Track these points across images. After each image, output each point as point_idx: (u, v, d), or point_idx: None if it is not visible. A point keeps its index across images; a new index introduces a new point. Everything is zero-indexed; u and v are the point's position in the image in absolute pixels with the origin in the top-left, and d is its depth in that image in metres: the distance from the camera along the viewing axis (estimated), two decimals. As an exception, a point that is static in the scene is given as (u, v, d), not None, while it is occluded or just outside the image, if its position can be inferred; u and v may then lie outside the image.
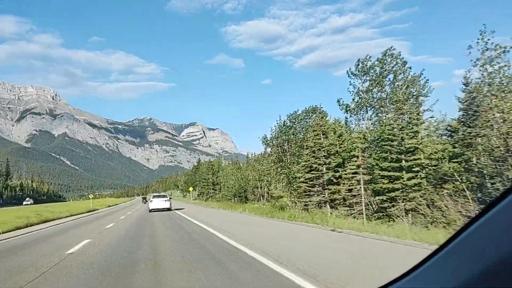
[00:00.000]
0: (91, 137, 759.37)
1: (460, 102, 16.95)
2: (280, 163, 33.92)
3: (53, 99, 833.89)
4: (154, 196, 33.21)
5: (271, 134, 35.34)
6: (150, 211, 30.68)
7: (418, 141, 17.74)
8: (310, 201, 22.52)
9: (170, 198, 35.96)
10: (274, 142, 35.06)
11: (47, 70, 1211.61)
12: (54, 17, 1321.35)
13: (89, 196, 65.02)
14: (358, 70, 27.27)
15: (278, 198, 29.20)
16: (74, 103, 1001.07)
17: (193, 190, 71.18)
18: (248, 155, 60.57)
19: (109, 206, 59.30)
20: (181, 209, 34.11)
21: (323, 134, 23.19)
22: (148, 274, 6.32)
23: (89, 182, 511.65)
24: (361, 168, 19.91)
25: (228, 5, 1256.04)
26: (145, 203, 59.81)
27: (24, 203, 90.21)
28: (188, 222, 18.67)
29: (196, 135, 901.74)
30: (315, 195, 22.70)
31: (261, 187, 39.59)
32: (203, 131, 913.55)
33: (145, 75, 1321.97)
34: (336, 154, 22.38)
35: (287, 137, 33.21)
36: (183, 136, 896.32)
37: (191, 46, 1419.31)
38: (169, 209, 31.08)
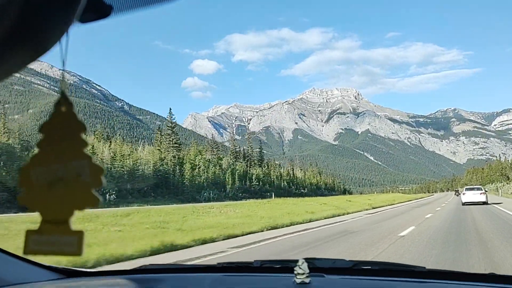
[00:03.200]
0: (392, 132, 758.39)
1: None
2: None
3: (355, 98, 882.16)
4: (467, 189, 32.46)
5: None
6: (463, 204, 29.65)
7: None
8: None
9: (486, 191, 33.25)
10: None
11: (349, 73, 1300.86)
12: (352, 22, 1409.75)
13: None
14: None
15: None
16: (375, 100, 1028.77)
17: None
18: None
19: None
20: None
21: None
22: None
23: (392, 176, 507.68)
24: None
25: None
26: (457, 196, 64.40)
27: None
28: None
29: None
30: None
31: None
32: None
33: (445, 64, 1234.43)
34: None
35: None
36: (495, 125, 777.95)
37: (498, 22, 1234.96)
38: (485, 203, 29.15)
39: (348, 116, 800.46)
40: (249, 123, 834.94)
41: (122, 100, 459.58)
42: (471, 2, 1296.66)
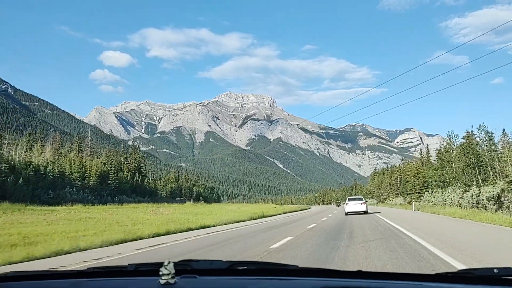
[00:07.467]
0: (303, 142, 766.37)
1: None
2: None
3: (270, 106, 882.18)
4: (349, 199, 33.42)
5: None
6: (346, 214, 30.99)
7: None
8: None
9: (366, 201, 36.12)
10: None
11: (266, 81, 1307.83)
12: (270, 30, 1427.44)
13: None
14: None
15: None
16: (289, 109, 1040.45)
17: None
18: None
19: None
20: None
21: None
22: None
23: (299, 185, 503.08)
24: None
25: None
26: (338, 207, 68.52)
27: None
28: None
29: (412, 142, 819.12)
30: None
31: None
32: (420, 138, 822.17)
33: (356, 81, 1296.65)
34: None
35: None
36: (397, 142, 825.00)
37: (405, 46, 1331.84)
38: (365, 212, 31.16)
39: (261, 123, 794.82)
40: (159, 122, 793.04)
41: (7, 82, 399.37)
42: (380, 26, 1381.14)
